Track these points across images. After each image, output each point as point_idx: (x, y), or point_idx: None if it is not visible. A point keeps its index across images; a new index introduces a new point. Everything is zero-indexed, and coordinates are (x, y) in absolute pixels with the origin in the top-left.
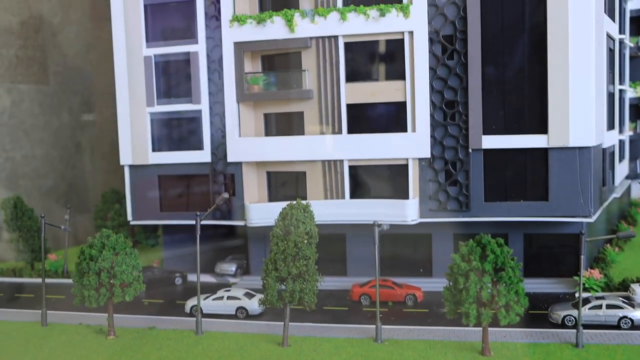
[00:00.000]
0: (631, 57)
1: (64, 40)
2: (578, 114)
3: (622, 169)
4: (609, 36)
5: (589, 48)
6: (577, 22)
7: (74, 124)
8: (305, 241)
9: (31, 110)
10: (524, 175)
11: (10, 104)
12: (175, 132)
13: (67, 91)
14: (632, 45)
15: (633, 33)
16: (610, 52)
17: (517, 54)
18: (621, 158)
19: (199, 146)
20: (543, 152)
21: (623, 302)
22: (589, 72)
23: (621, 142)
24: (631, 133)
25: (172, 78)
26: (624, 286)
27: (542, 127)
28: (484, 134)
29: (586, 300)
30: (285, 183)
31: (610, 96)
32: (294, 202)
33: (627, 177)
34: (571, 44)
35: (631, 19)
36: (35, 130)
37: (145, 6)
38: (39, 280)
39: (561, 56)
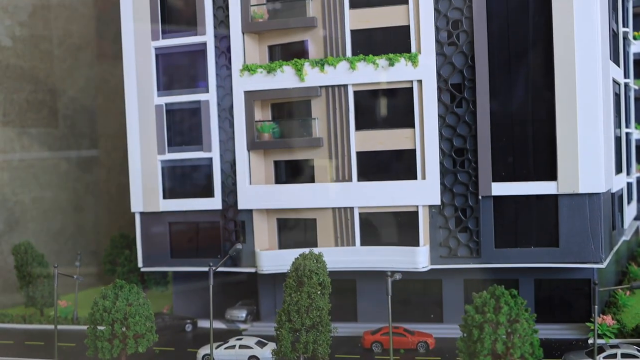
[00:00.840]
0: (636, 99)
1: (73, 83)
2: (587, 161)
3: (630, 210)
4: (615, 81)
5: (596, 96)
6: (584, 71)
7: (82, 166)
8: (319, 292)
9: (40, 154)
10: (534, 222)
11: (20, 148)
12: (186, 179)
13: (76, 134)
14: (636, 87)
15: (637, 76)
16: (616, 96)
17: (525, 101)
18: (629, 200)
19: (209, 193)
20: (553, 199)
21: (638, 350)
22: (597, 119)
23: (629, 185)
24: (638, 174)
25: (183, 126)
26: (638, 332)
27: (551, 174)
28: (493, 180)
29: (600, 349)
30: (295, 230)
31: (617, 140)
32: (306, 251)
33: (635, 218)
34: (578, 92)
35: (635, 62)
36: (44, 172)
37: (156, 55)
38: (49, 326)
39: (569, 103)
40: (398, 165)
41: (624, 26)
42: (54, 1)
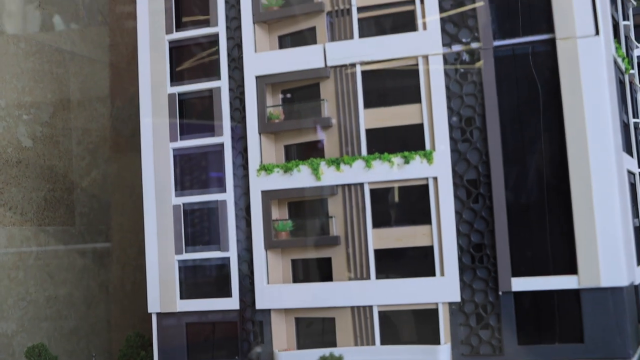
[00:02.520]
0: None
1: (90, 181)
2: (607, 254)
3: None
4: (629, 172)
5: (612, 187)
6: (598, 162)
7: (97, 262)
8: None
9: (56, 252)
10: (557, 317)
11: (37, 247)
12: (204, 279)
13: (92, 231)
14: None
15: None
16: (632, 186)
17: (541, 195)
18: None
19: (227, 293)
20: (575, 293)
21: None
22: (614, 211)
23: None
24: None
25: (201, 226)
26: None
27: (571, 268)
28: (513, 276)
29: None
30: (314, 329)
31: (637, 230)
32: (327, 353)
33: None
34: (594, 184)
35: None
36: (60, 271)
37: (174, 156)
38: None
39: (585, 195)
40: (416, 263)
41: (634, 117)
42: (74, 102)
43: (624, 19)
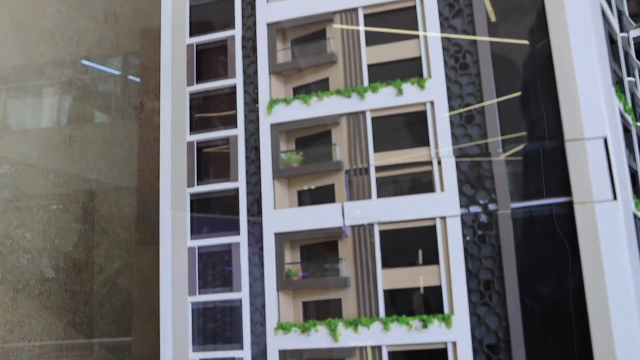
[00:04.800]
0: None
1: (110, 307)
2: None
3: None
4: None
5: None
6: (621, 336)
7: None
8: None
9: None
10: None
11: None
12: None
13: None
14: None
15: None
16: None
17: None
18: None
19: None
20: None
21: None
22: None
23: None
24: None
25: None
26: None
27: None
28: None
29: None
30: None
31: None
32: None
33: None
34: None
35: None
36: None
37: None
38: None
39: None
40: None
41: None
42: (98, 230)
43: (628, 75)
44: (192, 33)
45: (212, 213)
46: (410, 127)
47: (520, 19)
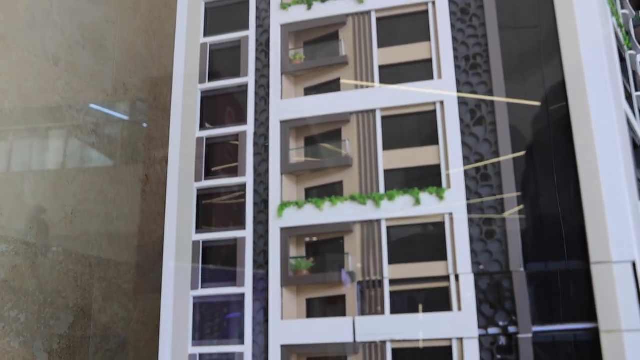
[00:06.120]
0: None
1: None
2: None
3: None
4: None
5: None
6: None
7: None
8: None
9: None
10: None
11: None
12: None
13: None
14: None
15: None
16: None
17: None
18: None
19: None
20: None
21: None
22: None
23: None
24: None
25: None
26: None
27: None
28: None
29: None
30: None
31: None
32: None
33: None
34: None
35: None
36: None
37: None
38: None
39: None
40: None
41: None
42: (95, 308)
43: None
44: (202, 126)
45: (217, 319)
46: (427, 238)
47: (547, 151)
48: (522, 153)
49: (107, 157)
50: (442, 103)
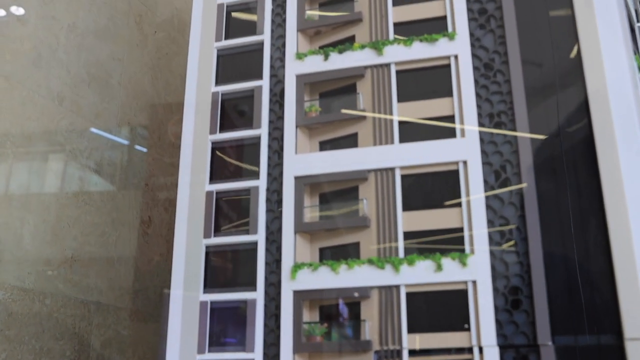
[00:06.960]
0: None
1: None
2: None
3: None
4: None
5: None
6: None
7: None
8: None
9: None
10: None
11: None
12: None
13: None
14: None
15: None
16: None
17: None
18: None
19: None
20: None
21: None
22: None
23: None
24: None
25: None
26: None
27: None
28: None
29: None
30: None
31: None
32: None
33: None
34: None
35: None
36: None
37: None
38: None
39: None
40: None
41: None
42: (93, 356)
43: None
44: (212, 179)
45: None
46: (449, 307)
47: (577, 217)
48: (549, 216)
49: (109, 198)
50: (465, 162)
